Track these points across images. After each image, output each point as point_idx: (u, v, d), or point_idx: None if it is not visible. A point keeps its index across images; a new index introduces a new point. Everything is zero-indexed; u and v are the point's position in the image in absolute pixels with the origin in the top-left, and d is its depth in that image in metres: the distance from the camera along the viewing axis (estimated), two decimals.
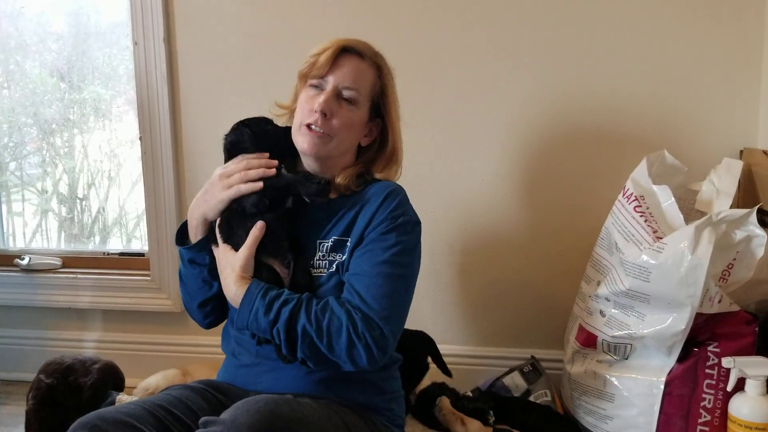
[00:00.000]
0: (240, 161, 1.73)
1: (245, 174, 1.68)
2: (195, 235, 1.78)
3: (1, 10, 2.95)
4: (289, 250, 1.71)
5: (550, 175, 2.51)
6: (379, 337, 1.60)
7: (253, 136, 1.76)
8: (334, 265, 1.71)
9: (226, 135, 1.80)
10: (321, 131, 1.71)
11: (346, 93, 1.73)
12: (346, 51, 1.75)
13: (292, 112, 1.85)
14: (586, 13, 2.42)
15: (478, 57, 2.49)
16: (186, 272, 1.84)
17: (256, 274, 1.68)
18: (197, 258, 1.79)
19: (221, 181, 1.71)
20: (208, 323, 1.92)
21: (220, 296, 1.80)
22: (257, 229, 1.67)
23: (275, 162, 1.72)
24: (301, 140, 1.75)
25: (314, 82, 1.75)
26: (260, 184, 1.67)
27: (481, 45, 2.49)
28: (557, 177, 2.51)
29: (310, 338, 1.58)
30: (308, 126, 1.72)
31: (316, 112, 1.70)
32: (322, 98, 1.70)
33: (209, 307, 1.86)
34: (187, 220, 1.81)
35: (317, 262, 1.73)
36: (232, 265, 1.67)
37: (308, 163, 1.81)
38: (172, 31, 2.65)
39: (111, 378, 2.28)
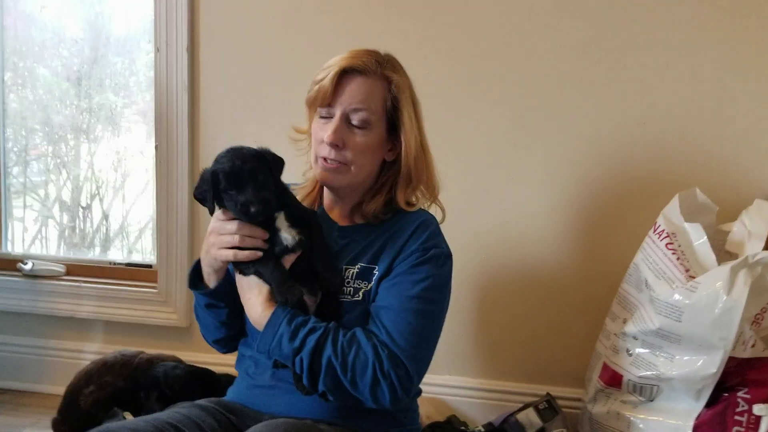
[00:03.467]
0: (236, 223, 1.57)
1: (239, 241, 1.56)
2: (209, 281, 1.69)
3: (19, 11, 2.91)
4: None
5: (573, 210, 2.47)
6: (405, 377, 1.54)
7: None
8: (360, 293, 1.64)
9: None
10: (336, 163, 1.66)
11: (355, 117, 1.65)
12: (347, 72, 1.65)
13: (311, 135, 1.79)
14: (617, 51, 2.39)
15: (504, 94, 2.47)
16: (202, 313, 1.76)
17: None
18: (214, 303, 1.70)
19: (217, 237, 1.59)
20: (227, 351, 1.85)
21: (237, 333, 1.76)
22: (293, 256, 1.60)
23: (265, 235, 1.58)
24: (318, 173, 1.70)
25: (322, 111, 1.68)
26: (257, 253, 1.57)
27: (507, 81, 2.47)
28: (580, 212, 2.47)
29: (334, 371, 1.51)
30: (324, 158, 1.67)
31: (327, 144, 1.64)
32: (330, 129, 1.63)
33: (225, 342, 1.80)
34: (198, 261, 1.72)
35: (342, 288, 1.66)
36: (259, 287, 1.60)
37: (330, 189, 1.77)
38: (196, 41, 2.62)
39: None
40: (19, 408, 2.68)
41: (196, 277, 1.72)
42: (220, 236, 1.58)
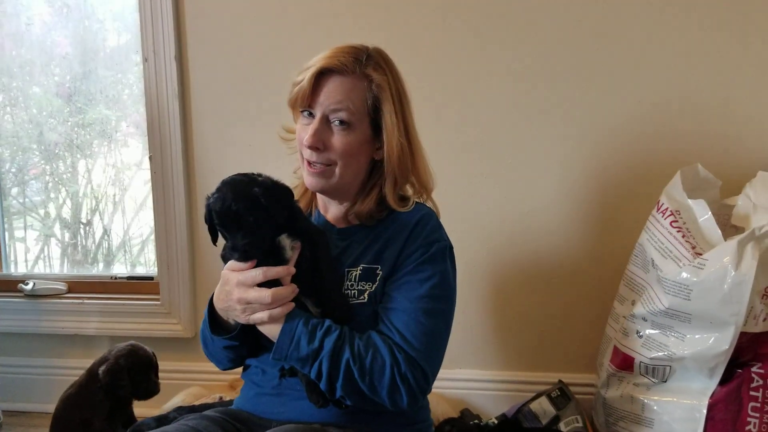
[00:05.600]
0: (258, 274, 1.49)
1: (269, 311, 1.50)
2: (229, 323, 1.63)
3: (6, 31, 2.89)
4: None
5: (574, 195, 2.45)
6: (422, 378, 1.52)
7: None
8: (365, 295, 1.61)
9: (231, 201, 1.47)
10: (320, 167, 1.63)
11: (335, 118, 1.61)
12: (324, 73, 1.61)
13: None
14: (614, 31, 2.37)
15: (503, 82, 2.45)
16: (217, 352, 1.70)
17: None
18: (235, 345, 1.64)
19: (244, 292, 1.50)
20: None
21: (245, 357, 1.72)
22: (295, 252, 1.55)
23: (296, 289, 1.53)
24: (305, 177, 1.67)
25: (304, 113, 1.65)
26: (291, 305, 1.52)
27: (507, 68, 2.44)
28: (582, 197, 2.45)
29: (351, 375, 1.48)
30: (309, 163, 1.63)
31: (306, 147, 1.61)
32: (310, 131, 1.60)
33: (234, 366, 1.75)
34: (211, 302, 1.65)
35: (345, 291, 1.63)
36: None
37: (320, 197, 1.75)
38: (184, 49, 2.60)
39: (130, 360, 2.20)
40: (29, 429, 2.68)
41: (212, 319, 1.66)
42: (247, 293, 1.50)
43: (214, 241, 1.54)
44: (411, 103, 1.72)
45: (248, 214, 1.44)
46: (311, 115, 1.63)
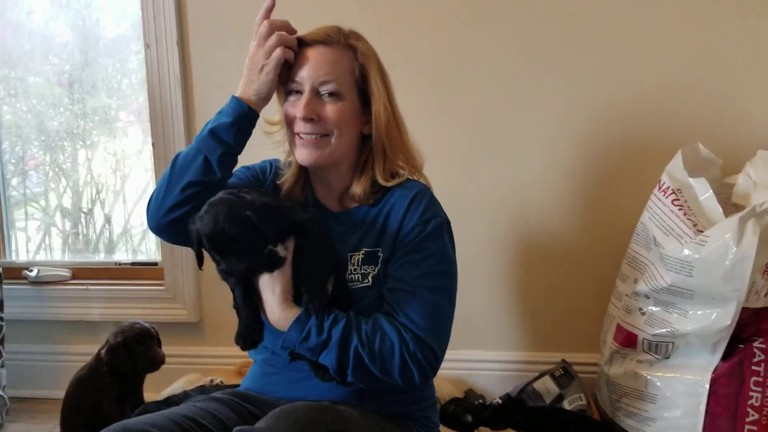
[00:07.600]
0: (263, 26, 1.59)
1: (281, 36, 1.57)
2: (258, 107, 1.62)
3: (6, 20, 2.89)
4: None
5: (577, 174, 2.46)
6: (431, 356, 1.52)
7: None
8: (369, 278, 1.61)
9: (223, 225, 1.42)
10: (314, 137, 1.61)
11: (324, 89, 1.60)
12: (309, 45, 1.62)
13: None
14: (613, 9, 2.38)
15: (501, 60, 2.45)
16: (198, 147, 1.59)
17: (294, 298, 1.56)
18: (233, 133, 1.59)
19: (259, 50, 1.59)
20: (172, 232, 1.65)
21: (208, 187, 1.57)
22: (289, 251, 1.55)
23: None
24: (298, 153, 1.65)
25: (291, 87, 1.64)
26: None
27: (503, 45, 2.45)
28: (584, 176, 2.46)
29: (362, 361, 1.48)
30: (300, 136, 1.62)
31: (300, 119, 1.59)
32: (301, 102, 1.59)
33: (190, 192, 1.56)
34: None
35: (349, 276, 1.63)
36: (272, 288, 1.55)
37: (315, 174, 1.73)
38: (185, 34, 2.60)
39: (126, 335, 2.22)
40: (36, 415, 2.68)
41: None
42: (263, 47, 1.58)
43: (200, 265, 1.53)
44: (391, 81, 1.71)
45: (242, 238, 1.41)
46: (299, 92, 1.62)
